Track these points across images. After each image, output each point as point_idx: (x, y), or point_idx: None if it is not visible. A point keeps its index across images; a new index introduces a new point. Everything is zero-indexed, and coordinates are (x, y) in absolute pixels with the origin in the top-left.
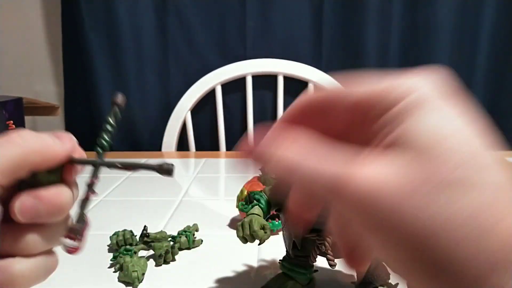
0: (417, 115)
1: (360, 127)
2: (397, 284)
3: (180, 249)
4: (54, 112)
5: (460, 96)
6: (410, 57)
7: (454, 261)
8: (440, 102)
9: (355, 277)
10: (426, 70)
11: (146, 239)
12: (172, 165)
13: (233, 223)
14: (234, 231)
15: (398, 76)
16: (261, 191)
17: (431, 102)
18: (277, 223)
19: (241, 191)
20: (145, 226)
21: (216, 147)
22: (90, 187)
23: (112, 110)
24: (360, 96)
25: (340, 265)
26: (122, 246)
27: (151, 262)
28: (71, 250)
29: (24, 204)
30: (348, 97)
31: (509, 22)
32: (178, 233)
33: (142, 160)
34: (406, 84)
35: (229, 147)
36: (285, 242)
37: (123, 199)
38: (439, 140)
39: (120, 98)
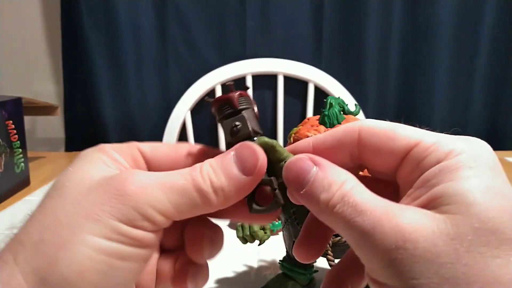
0: (465, 175)
1: (401, 170)
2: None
3: None
4: (53, 112)
5: (500, 166)
6: (410, 57)
7: None
8: (486, 168)
9: None
10: (473, 138)
11: None
12: None
13: (233, 224)
14: (234, 232)
15: (447, 136)
16: None
17: (478, 165)
18: (277, 223)
19: None
20: None
21: (216, 147)
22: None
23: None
24: (407, 145)
25: None
26: None
27: None
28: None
29: None
30: (397, 141)
31: (509, 21)
32: None
33: None
34: (458, 143)
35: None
36: (285, 242)
37: None
38: (482, 199)
39: None
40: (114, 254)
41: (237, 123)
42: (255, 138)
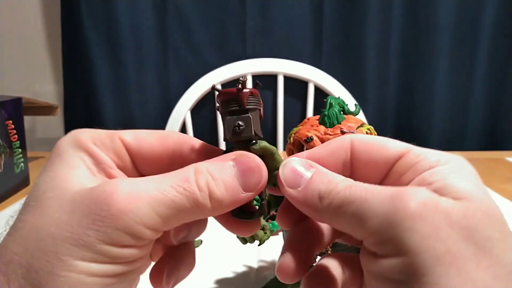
0: (458, 176)
1: (387, 177)
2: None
3: None
4: (53, 112)
5: (478, 176)
6: (410, 57)
7: None
8: (471, 175)
9: None
10: (453, 154)
11: None
12: None
13: None
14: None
15: (431, 149)
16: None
17: (465, 172)
18: (277, 223)
19: None
20: None
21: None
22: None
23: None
24: (399, 153)
25: None
26: None
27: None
28: None
29: None
30: (389, 150)
31: (509, 21)
32: None
33: None
34: (442, 156)
35: (229, 147)
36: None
37: None
38: (479, 193)
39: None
40: (106, 274)
41: (241, 123)
42: (255, 142)
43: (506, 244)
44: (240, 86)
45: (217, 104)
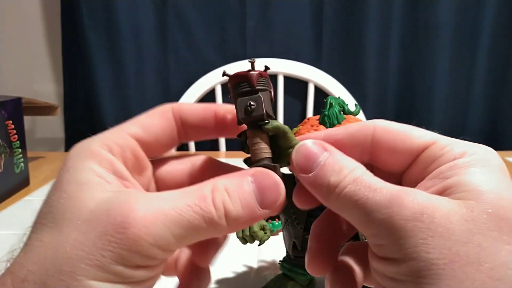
0: (479, 171)
1: (413, 168)
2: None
3: None
4: (53, 112)
5: (506, 170)
6: (410, 58)
7: None
8: (496, 168)
9: None
10: (483, 145)
11: None
12: None
13: None
14: (234, 232)
15: (458, 140)
16: None
17: (489, 165)
18: (277, 223)
19: None
20: None
21: (216, 147)
22: None
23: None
24: (424, 144)
25: None
26: None
27: None
28: None
29: None
30: (414, 139)
31: (509, 22)
32: None
33: None
34: (470, 146)
35: (229, 147)
36: (285, 242)
37: None
38: (493, 191)
39: None
40: None
41: (252, 102)
42: (267, 122)
43: None
44: (250, 67)
45: (231, 92)
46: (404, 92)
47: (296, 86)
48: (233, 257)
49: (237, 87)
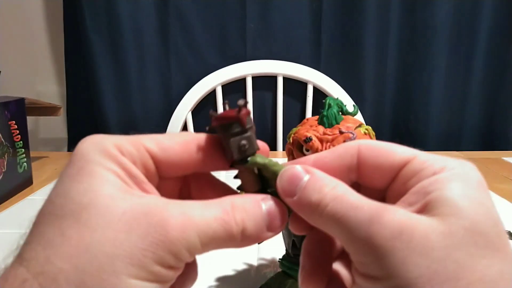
0: (458, 186)
1: (393, 185)
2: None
3: None
4: (56, 112)
5: (485, 184)
6: (408, 59)
7: None
8: (475, 183)
9: None
10: (462, 160)
11: None
12: None
13: None
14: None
15: (437, 155)
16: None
17: (468, 180)
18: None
19: None
20: None
21: None
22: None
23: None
24: (405, 159)
25: None
26: None
27: None
28: None
29: None
30: (396, 155)
31: (506, 23)
32: None
33: None
34: (449, 162)
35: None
36: (284, 241)
37: None
38: (471, 206)
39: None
40: None
41: (244, 142)
42: (246, 161)
43: (491, 260)
44: (238, 109)
45: (218, 130)
46: (402, 93)
47: (295, 87)
48: (233, 255)
49: (227, 128)
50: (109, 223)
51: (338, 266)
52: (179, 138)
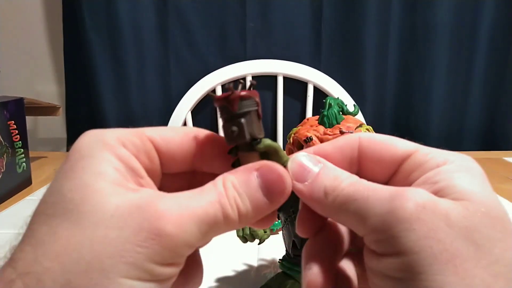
0: (464, 176)
1: (394, 175)
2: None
3: None
4: (55, 112)
5: (485, 176)
6: (408, 58)
7: None
8: (477, 174)
9: None
10: (461, 153)
11: None
12: None
13: None
14: (234, 231)
15: (439, 149)
16: None
17: (471, 171)
18: (276, 222)
19: None
20: None
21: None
22: None
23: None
24: (407, 152)
25: None
26: None
27: None
28: None
29: None
30: (398, 148)
31: (508, 23)
32: None
33: None
34: (450, 155)
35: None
36: (284, 241)
37: None
38: (482, 193)
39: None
40: None
41: (234, 128)
42: (259, 141)
43: (507, 243)
44: (229, 91)
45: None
46: (403, 93)
47: (295, 87)
48: (233, 256)
49: (220, 111)
50: (101, 220)
51: (345, 266)
52: (181, 131)
